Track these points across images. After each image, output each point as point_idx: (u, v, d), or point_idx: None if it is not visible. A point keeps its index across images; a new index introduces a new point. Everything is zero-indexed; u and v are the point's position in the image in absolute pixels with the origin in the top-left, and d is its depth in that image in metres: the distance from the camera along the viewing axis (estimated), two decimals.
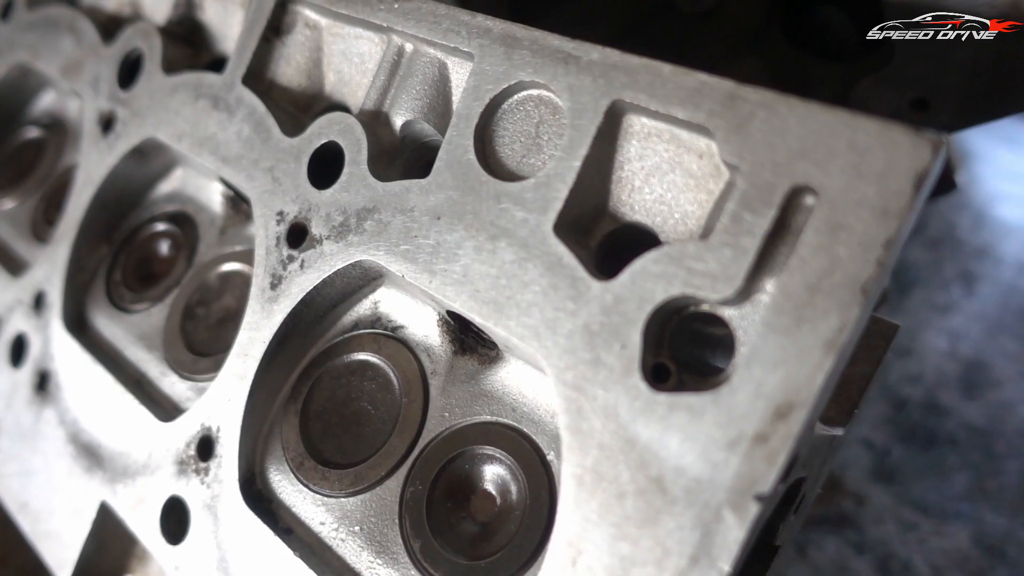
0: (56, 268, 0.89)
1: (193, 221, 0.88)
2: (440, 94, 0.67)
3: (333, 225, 0.67)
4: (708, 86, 0.50)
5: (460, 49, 0.63)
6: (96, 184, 0.88)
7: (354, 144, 0.67)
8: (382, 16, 0.68)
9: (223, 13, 0.88)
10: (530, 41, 0.59)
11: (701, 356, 0.53)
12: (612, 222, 0.58)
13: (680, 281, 0.49)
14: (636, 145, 0.56)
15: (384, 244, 0.63)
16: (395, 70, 0.70)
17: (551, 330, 0.53)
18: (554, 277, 0.54)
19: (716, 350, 0.53)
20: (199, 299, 0.82)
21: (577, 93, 0.56)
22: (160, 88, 0.85)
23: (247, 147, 0.75)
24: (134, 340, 0.84)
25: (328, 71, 0.78)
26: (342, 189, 0.67)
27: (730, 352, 0.51)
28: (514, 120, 0.60)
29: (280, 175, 0.72)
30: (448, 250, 0.60)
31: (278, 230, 0.71)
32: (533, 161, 0.59)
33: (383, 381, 0.68)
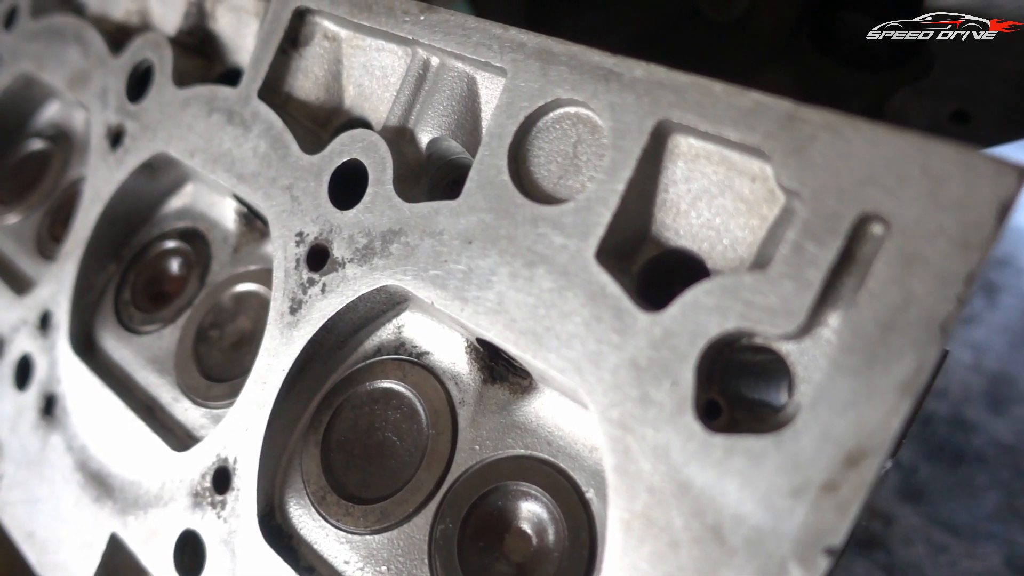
0: (63, 287, 0.86)
1: (205, 238, 0.85)
2: (468, 110, 0.64)
3: (356, 248, 0.64)
4: (764, 106, 0.47)
5: (491, 64, 0.60)
6: (104, 200, 0.85)
7: (378, 163, 0.64)
8: (407, 28, 0.65)
9: (236, 23, 0.85)
10: (568, 56, 0.56)
11: (755, 393, 0.50)
12: (655, 247, 0.55)
13: (736, 315, 0.46)
14: (682, 167, 0.53)
15: (412, 269, 0.60)
16: (420, 85, 0.67)
17: (594, 364, 0.50)
18: (597, 307, 0.51)
19: (771, 386, 0.50)
20: (212, 321, 0.79)
21: (620, 112, 0.53)
22: (171, 101, 0.82)
23: (264, 164, 0.72)
24: (144, 363, 0.81)
25: (348, 84, 0.75)
26: (366, 210, 0.64)
27: (787, 388, 0.48)
28: (550, 139, 0.57)
29: (299, 194, 0.69)
30: (481, 276, 0.56)
31: (297, 252, 0.67)
32: (571, 183, 0.56)
33: (408, 410, 0.65)
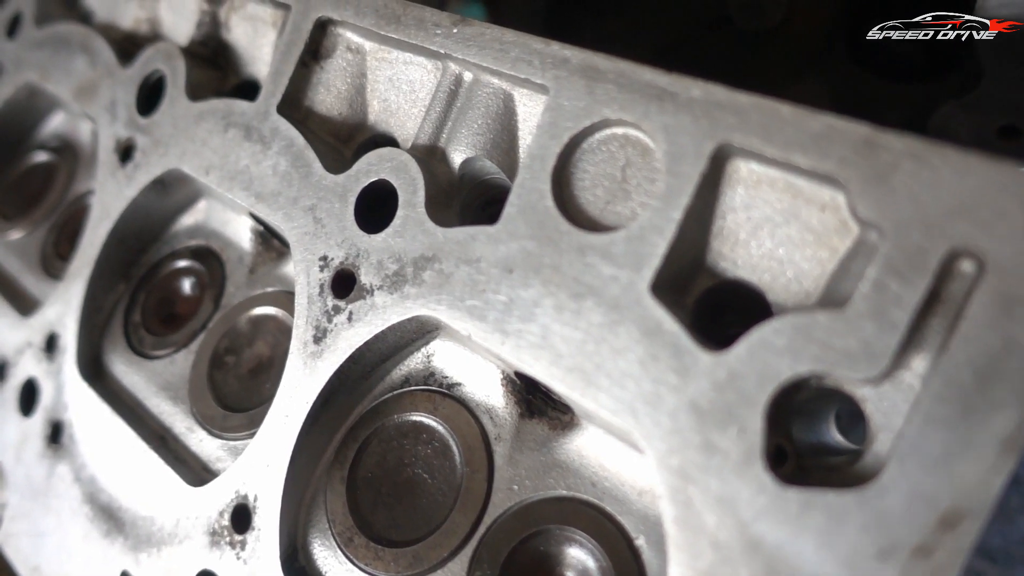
0: (70, 308, 0.83)
1: (219, 258, 0.82)
2: (505, 128, 0.61)
3: (386, 274, 0.60)
4: (838, 131, 0.44)
5: (532, 81, 0.56)
6: (113, 218, 0.82)
7: (409, 184, 0.61)
8: (439, 42, 0.62)
9: (252, 33, 0.82)
10: (616, 74, 0.53)
11: (826, 439, 0.47)
12: (710, 278, 0.52)
13: (810, 357, 0.42)
14: (742, 193, 0.49)
15: (447, 298, 0.57)
16: (452, 101, 0.63)
17: (651, 406, 0.47)
18: (653, 345, 0.47)
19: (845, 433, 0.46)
20: (228, 346, 0.75)
21: (675, 135, 0.49)
22: (184, 115, 0.78)
23: (284, 183, 0.68)
24: (157, 390, 0.77)
25: (372, 99, 0.71)
26: (396, 234, 0.60)
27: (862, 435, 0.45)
28: (595, 162, 0.54)
29: (323, 215, 0.65)
30: (523, 308, 0.53)
31: (321, 277, 0.64)
32: (619, 209, 0.53)
33: (440, 446, 0.62)
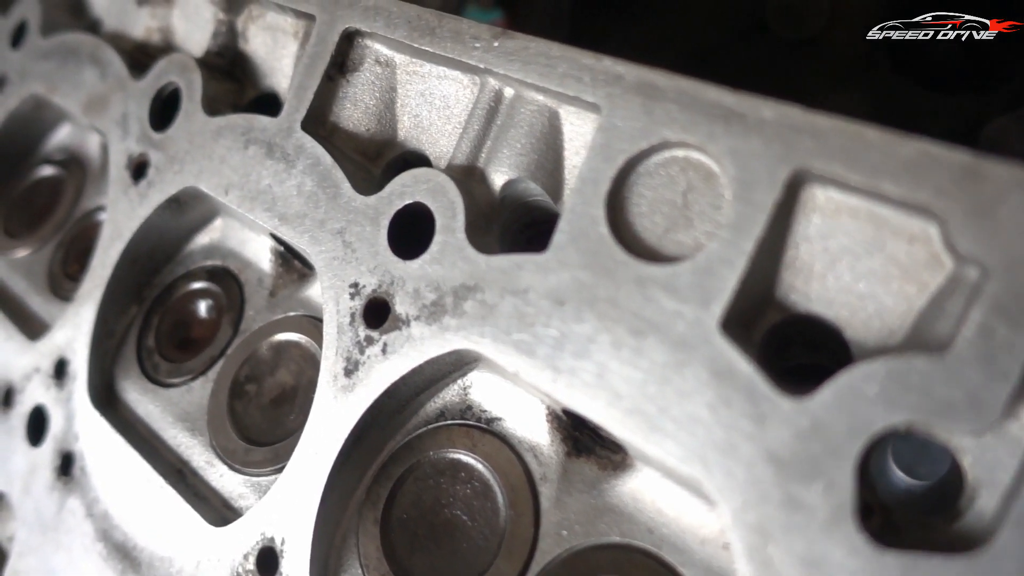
0: (80, 332, 0.79)
1: (237, 280, 0.78)
2: (549, 148, 0.57)
3: (423, 304, 0.56)
4: (933, 157, 0.40)
5: (581, 99, 0.53)
6: (126, 238, 0.78)
7: (447, 207, 0.57)
8: (478, 56, 0.58)
9: (271, 44, 0.78)
10: (676, 92, 0.49)
11: (917, 493, 0.43)
12: (779, 312, 0.48)
13: (907, 406, 0.39)
14: (818, 222, 0.45)
15: (491, 331, 0.53)
16: (492, 118, 0.60)
17: (724, 455, 0.43)
18: (724, 388, 0.44)
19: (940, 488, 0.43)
20: (249, 374, 0.72)
21: (745, 159, 0.46)
22: (201, 131, 0.74)
23: (310, 204, 0.64)
24: (173, 420, 0.74)
25: (402, 114, 0.67)
26: (434, 261, 0.57)
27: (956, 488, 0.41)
28: (653, 186, 0.50)
29: (353, 239, 0.61)
30: (577, 344, 0.49)
31: (352, 305, 0.60)
32: (681, 237, 0.49)
33: (481, 486, 0.58)
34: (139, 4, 0.90)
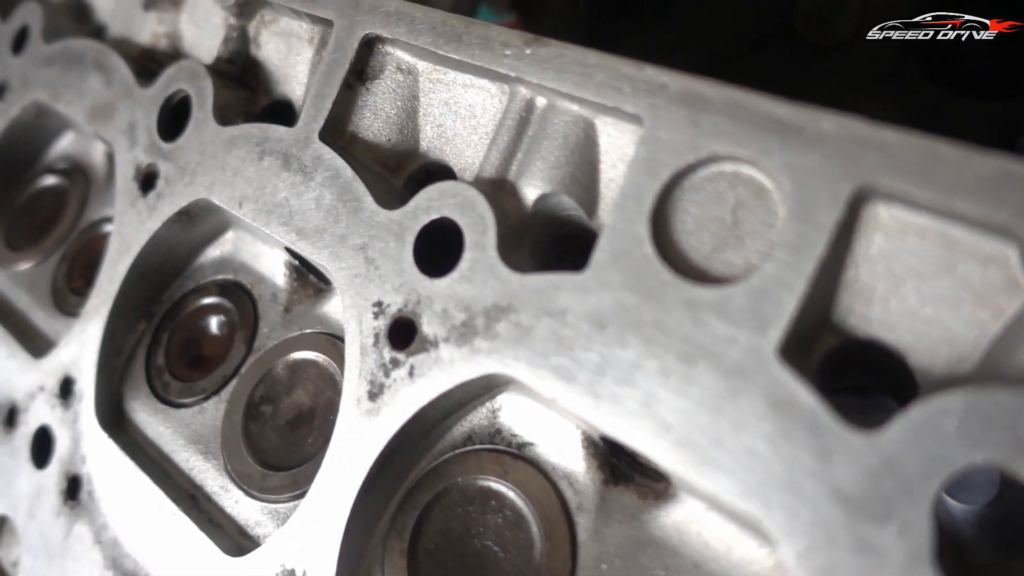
0: (86, 350, 0.76)
1: (250, 295, 0.75)
2: (584, 161, 0.54)
3: (453, 324, 0.54)
4: (1014, 175, 0.37)
5: (621, 110, 0.50)
6: (134, 252, 0.75)
7: (477, 223, 0.54)
8: (508, 63, 0.55)
9: (285, 50, 0.75)
10: (726, 103, 0.46)
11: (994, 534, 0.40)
12: (836, 336, 0.45)
13: (992, 444, 0.36)
14: (881, 242, 0.43)
15: (527, 354, 0.50)
16: (523, 129, 0.57)
17: (786, 492, 0.40)
18: (783, 420, 0.41)
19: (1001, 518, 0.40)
20: (264, 394, 0.69)
21: (803, 175, 0.43)
22: (213, 140, 0.71)
23: (330, 218, 0.62)
24: (185, 443, 0.71)
25: (425, 124, 0.65)
26: (463, 279, 0.54)
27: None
28: (699, 202, 0.47)
29: (376, 256, 0.58)
30: (620, 370, 0.46)
31: (376, 325, 0.57)
32: (731, 257, 0.46)
33: (513, 516, 0.55)
34: (146, 9, 0.87)
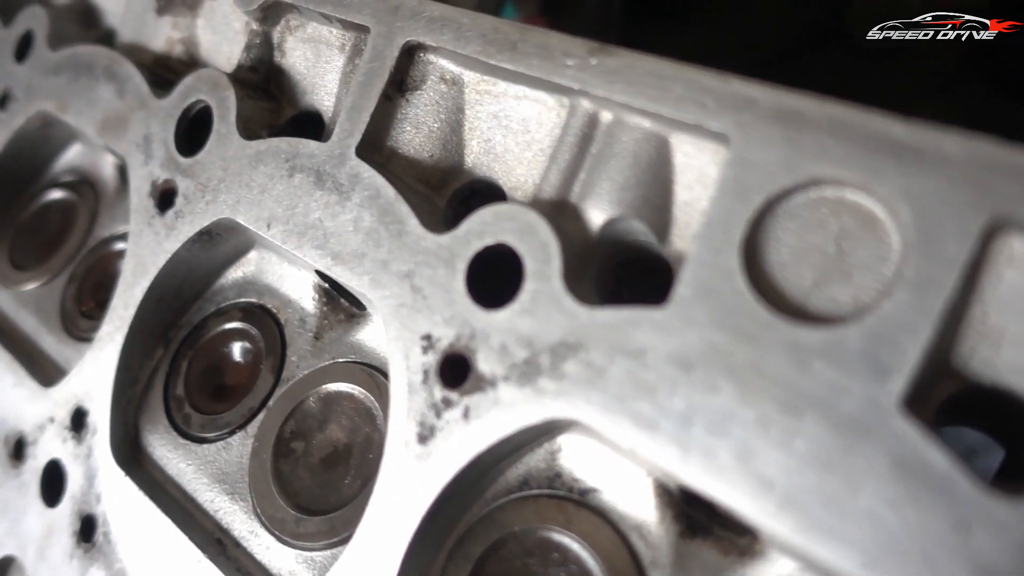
0: (100, 379, 0.71)
1: (276, 319, 0.70)
2: (657, 181, 0.50)
3: (513, 362, 0.49)
4: None
5: (703, 127, 0.45)
6: (151, 275, 0.70)
7: (539, 250, 0.49)
8: (571, 75, 0.51)
9: (313, 58, 0.70)
10: (829, 120, 0.41)
11: None
12: (956, 381, 0.41)
13: None
14: (1014, 278, 0.38)
15: (600, 397, 0.45)
16: (585, 146, 0.52)
17: (917, 566, 0.36)
18: (909, 481, 0.36)
19: None
20: (295, 429, 0.64)
21: (925, 203, 0.38)
22: (237, 156, 0.66)
23: (370, 242, 0.57)
24: (209, 482, 0.66)
25: (471, 139, 0.60)
26: (524, 312, 0.49)
27: None
28: (795, 230, 0.43)
29: (423, 284, 0.54)
30: (711, 418, 0.42)
31: (425, 361, 0.52)
32: (835, 293, 0.41)
33: (578, 570, 0.50)
34: (159, 13, 0.82)
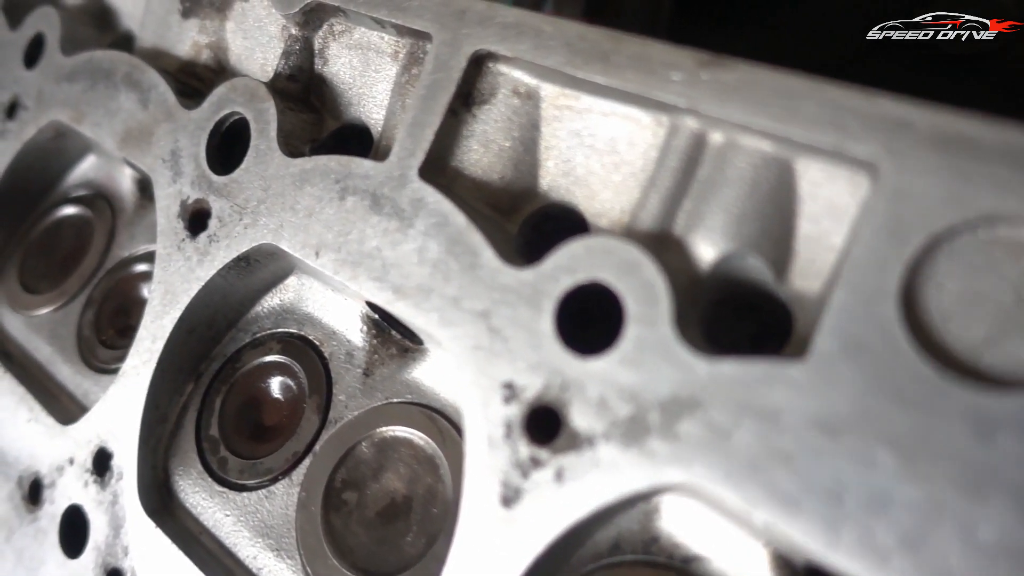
0: (125, 417, 0.64)
1: (319, 353, 0.64)
2: (778, 212, 0.44)
3: (615, 419, 0.43)
4: None
5: (843, 153, 0.39)
6: (182, 305, 0.64)
7: (643, 290, 0.43)
8: (676, 91, 0.44)
9: (361, 66, 0.64)
10: (1005, 147, 0.35)
11: None
12: None
13: None
14: None
15: (726, 465, 0.39)
16: (691, 171, 0.46)
17: None
18: None
19: None
20: (347, 478, 0.58)
21: None
22: (278, 175, 0.60)
23: (438, 275, 0.51)
24: (251, 535, 0.59)
25: (547, 159, 0.54)
26: (627, 362, 0.43)
27: None
28: (963, 276, 0.37)
29: (503, 325, 0.48)
30: (867, 497, 0.36)
31: (508, 412, 0.46)
32: (1017, 350, 0.36)
33: None
34: (184, 16, 0.75)
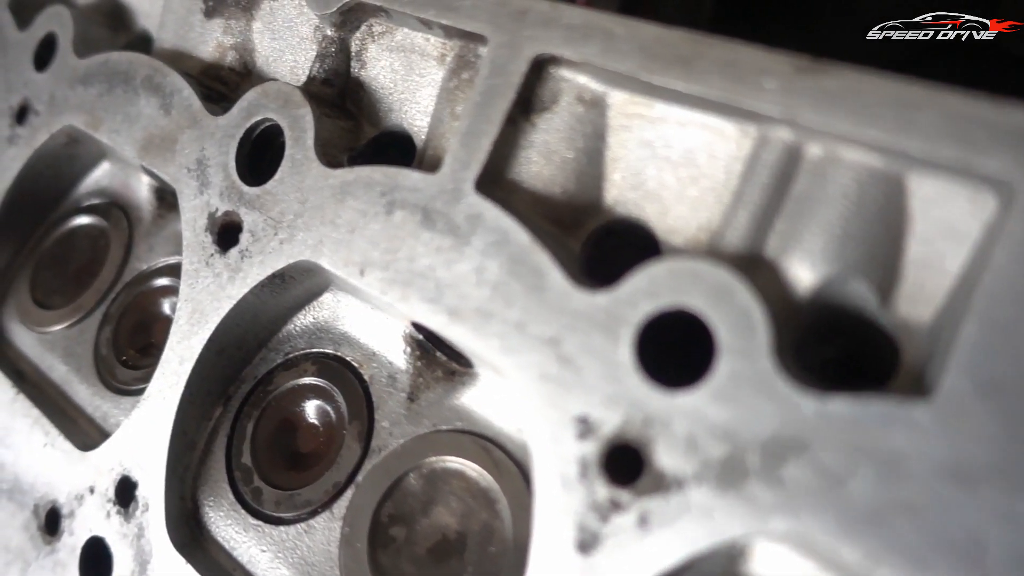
0: (151, 443, 0.60)
1: (358, 375, 0.60)
2: (886, 232, 0.40)
3: (707, 459, 0.39)
4: None
5: (971, 170, 0.36)
6: (212, 324, 0.60)
7: (737, 319, 0.39)
8: (770, 99, 0.41)
9: (402, 70, 0.60)
10: None
11: None
12: None
13: None
14: None
15: (839, 515, 0.36)
16: (783, 187, 0.42)
17: None
18: None
19: None
20: (394, 512, 0.54)
21: None
22: (317, 186, 0.56)
23: (499, 298, 0.47)
24: (291, 573, 0.55)
25: (613, 171, 0.50)
26: (720, 397, 0.39)
27: None
28: None
29: (575, 354, 0.44)
30: (1010, 557, 0.32)
31: (582, 449, 0.43)
32: None
33: None
34: (207, 16, 0.71)
